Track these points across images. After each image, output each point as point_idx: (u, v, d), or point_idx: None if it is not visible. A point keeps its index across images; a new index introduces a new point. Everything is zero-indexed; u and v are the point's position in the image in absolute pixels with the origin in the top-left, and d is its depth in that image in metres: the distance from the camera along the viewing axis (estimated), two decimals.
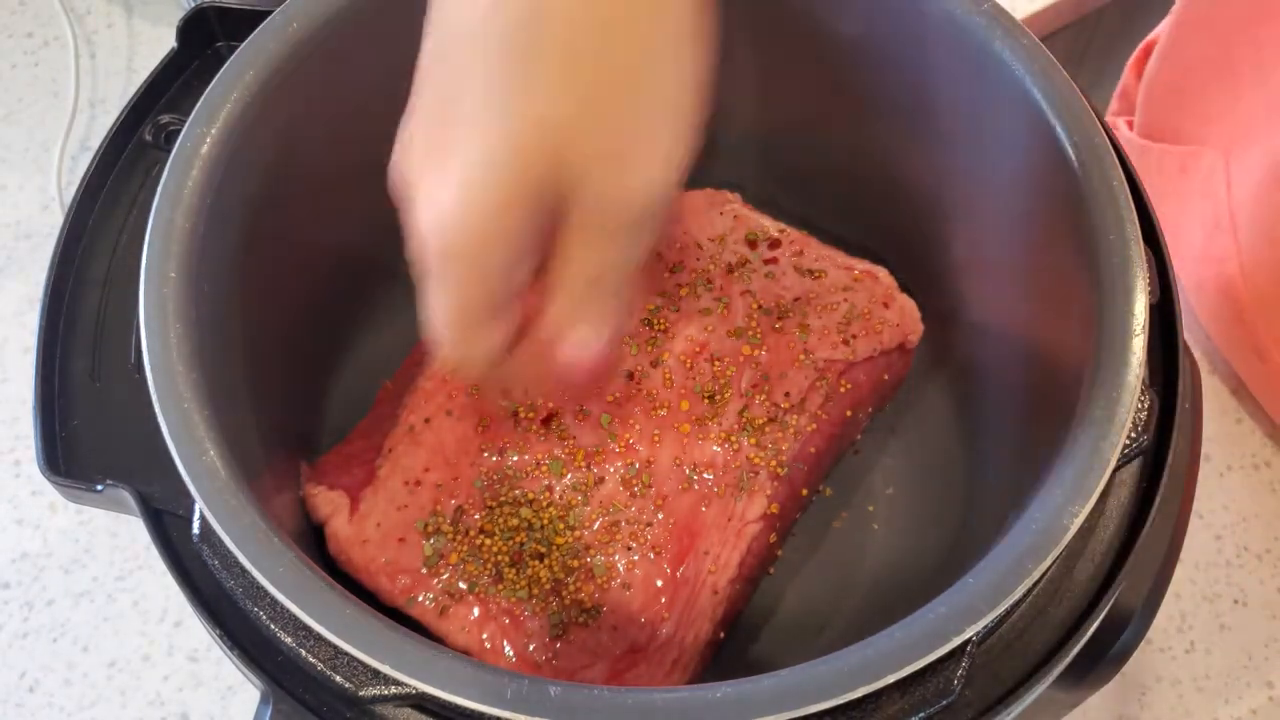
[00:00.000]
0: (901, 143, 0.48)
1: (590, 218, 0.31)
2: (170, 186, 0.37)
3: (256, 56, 0.40)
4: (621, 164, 0.30)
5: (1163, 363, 0.39)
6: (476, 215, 0.29)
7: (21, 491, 0.57)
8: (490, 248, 0.30)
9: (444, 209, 0.30)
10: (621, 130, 0.29)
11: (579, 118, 0.29)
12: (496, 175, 0.29)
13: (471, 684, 0.30)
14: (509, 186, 0.29)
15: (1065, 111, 0.39)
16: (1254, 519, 0.58)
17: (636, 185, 0.30)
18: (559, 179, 0.29)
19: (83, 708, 0.52)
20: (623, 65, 0.29)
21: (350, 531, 0.43)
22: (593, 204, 0.30)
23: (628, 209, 0.30)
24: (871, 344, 0.48)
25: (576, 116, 0.29)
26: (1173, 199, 0.56)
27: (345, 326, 0.51)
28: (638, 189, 0.30)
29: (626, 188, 0.30)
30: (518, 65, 0.29)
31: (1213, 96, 0.45)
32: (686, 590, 0.43)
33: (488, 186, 0.29)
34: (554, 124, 0.29)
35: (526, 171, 0.29)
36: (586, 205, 0.30)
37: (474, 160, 0.29)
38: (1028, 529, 0.33)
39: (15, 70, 0.69)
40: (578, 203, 0.30)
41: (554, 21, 0.29)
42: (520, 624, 0.42)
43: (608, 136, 0.29)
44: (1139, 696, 0.53)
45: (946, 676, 0.32)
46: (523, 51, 0.29)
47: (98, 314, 0.41)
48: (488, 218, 0.29)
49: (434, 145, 0.30)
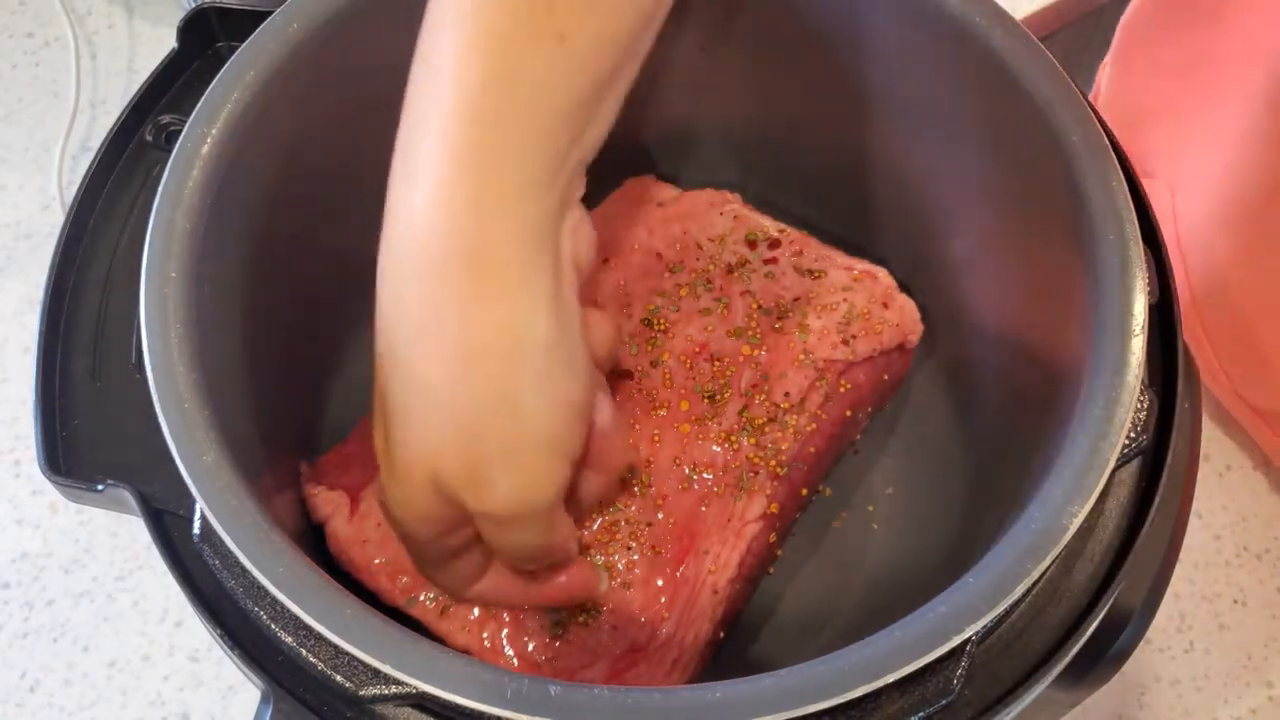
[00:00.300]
0: (901, 143, 0.48)
1: (479, 519, 0.36)
2: (171, 187, 0.38)
3: (257, 57, 0.40)
4: (484, 489, 0.34)
5: (1162, 363, 0.39)
6: (399, 519, 0.36)
7: (22, 491, 0.57)
8: (422, 533, 0.37)
9: (382, 499, 0.37)
10: (483, 463, 0.34)
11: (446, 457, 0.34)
12: (403, 494, 0.35)
13: (472, 683, 0.30)
14: (415, 505, 0.35)
15: (1064, 111, 0.39)
16: (1253, 519, 0.58)
17: (501, 504, 0.35)
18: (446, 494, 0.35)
19: (83, 708, 0.52)
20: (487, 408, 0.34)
21: (350, 531, 0.43)
22: (473, 511, 0.35)
23: (500, 518, 0.35)
24: (871, 344, 0.48)
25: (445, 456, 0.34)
26: None
27: (346, 326, 0.51)
28: (504, 507, 0.35)
29: (494, 505, 0.35)
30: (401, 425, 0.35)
31: (1156, 131, 0.46)
32: (686, 590, 0.43)
33: (398, 503, 0.36)
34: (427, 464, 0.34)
35: (421, 492, 0.35)
36: (476, 513, 0.35)
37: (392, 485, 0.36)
38: (1027, 529, 0.33)
39: (16, 70, 0.69)
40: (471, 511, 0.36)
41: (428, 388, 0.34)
42: (520, 623, 0.42)
43: (471, 468, 0.34)
44: (1138, 696, 0.54)
45: (946, 676, 0.32)
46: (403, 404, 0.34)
47: (98, 314, 0.41)
48: (409, 522, 0.36)
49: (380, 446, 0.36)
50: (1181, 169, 0.39)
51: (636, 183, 0.53)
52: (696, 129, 0.54)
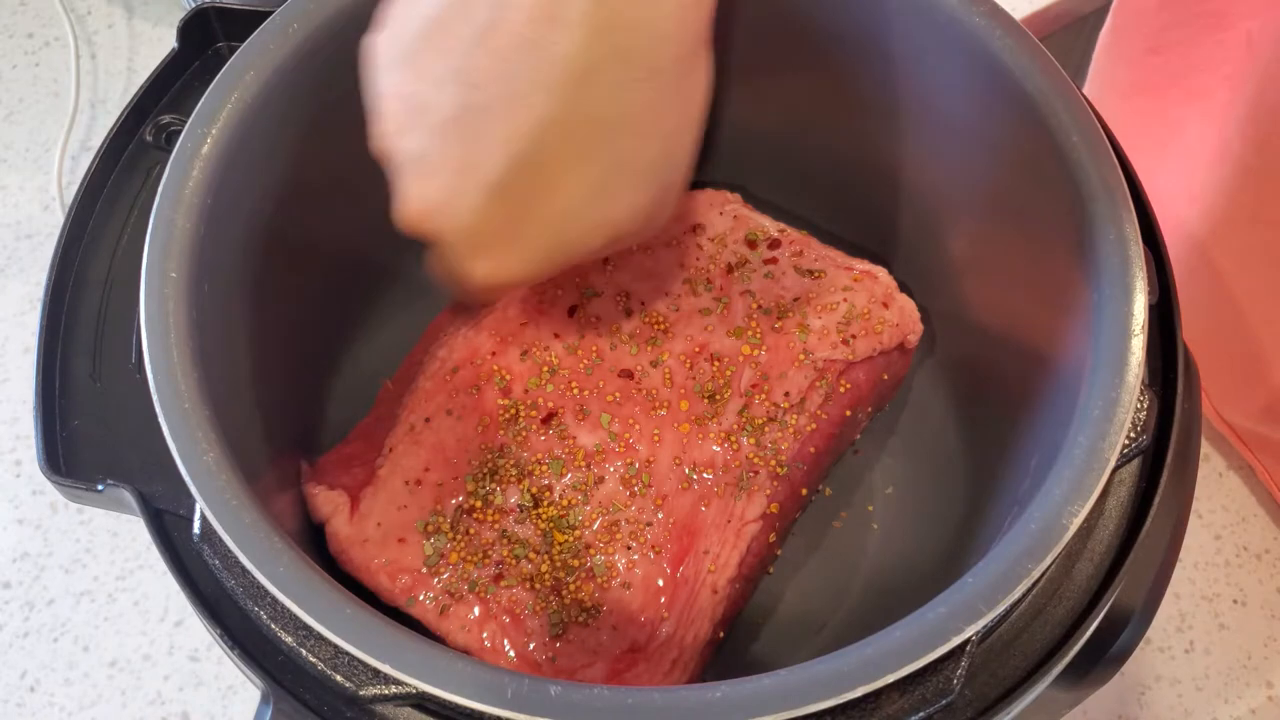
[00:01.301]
0: (901, 142, 0.48)
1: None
2: (171, 186, 0.38)
3: (257, 57, 0.40)
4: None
5: (1162, 363, 0.39)
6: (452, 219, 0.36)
7: (22, 491, 0.57)
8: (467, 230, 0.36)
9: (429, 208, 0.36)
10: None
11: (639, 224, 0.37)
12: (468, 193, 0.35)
13: (472, 683, 0.30)
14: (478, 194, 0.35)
15: (1064, 112, 0.39)
16: (1253, 519, 0.58)
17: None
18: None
19: (83, 707, 0.52)
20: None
21: (350, 531, 0.43)
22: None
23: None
24: (871, 344, 0.48)
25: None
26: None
27: (345, 326, 0.51)
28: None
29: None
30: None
31: (1132, 153, 0.47)
32: (686, 589, 0.43)
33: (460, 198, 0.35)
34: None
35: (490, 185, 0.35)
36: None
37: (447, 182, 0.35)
38: (1027, 528, 0.33)
39: (16, 70, 0.69)
40: None
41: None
42: (520, 623, 0.42)
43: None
44: (1138, 696, 0.54)
45: (946, 676, 0.32)
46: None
47: (98, 314, 0.41)
48: (462, 217, 0.36)
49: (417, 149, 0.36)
50: (1155, 189, 0.41)
51: None
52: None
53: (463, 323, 0.48)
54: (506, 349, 0.47)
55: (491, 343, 0.47)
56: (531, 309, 0.48)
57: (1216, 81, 0.53)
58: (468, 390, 0.46)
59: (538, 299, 0.48)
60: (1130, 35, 0.59)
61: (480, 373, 0.46)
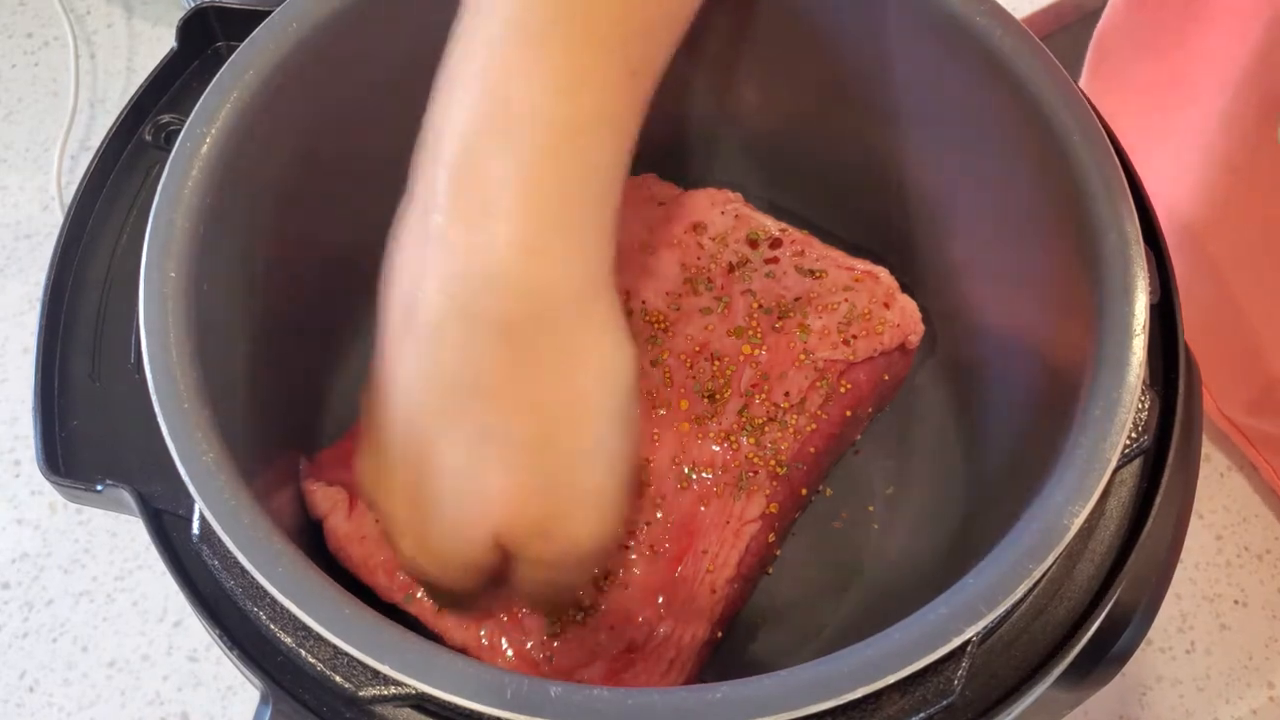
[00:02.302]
0: (901, 142, 0.48)
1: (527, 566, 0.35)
2: (170, 186, 0.37)
3: (257, 56, 0.40)
4: (558, 538, 0.34)
5: (1163, 362, 0.39)
6: (439, 577, 0.36)
7: (21, 491, 0.57)
8: (462, 584, 0.36)
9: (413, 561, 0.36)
10: (561, 512, 0.34)
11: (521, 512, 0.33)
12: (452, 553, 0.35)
13: (471, 684, 0.30)
14: (462, 560, 0.35)
15: (1065, 110, 0.39)
16: (1254, 519, 0.58)
17: (573, 549, 0.34)
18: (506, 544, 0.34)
19: (82, 707, 0.52)
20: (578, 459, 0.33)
21: (348, 528, 0.43)
22: (531, 559, 0.35)
23: (561, 564, 0.35)
24: (872, 344, 0.48)
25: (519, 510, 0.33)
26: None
27: (345, 324, 0.51)
28: (574, 552, 0.35)
29: (565, 551, 0.34)
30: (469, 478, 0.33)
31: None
32: (685, 589, 0.43)
33: (444, 565, 0.35)
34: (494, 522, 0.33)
35: (476, 548, 0.34)
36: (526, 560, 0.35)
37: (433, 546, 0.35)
38: (1028, 529, 0.33)
39: (15, 70, 0.69)
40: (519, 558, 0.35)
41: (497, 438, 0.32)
42: (518, 622, 0.42)
43: (548, 519, 0.34)
44: (1139, 696, 0.53)
45: (947, 677, 0.32)
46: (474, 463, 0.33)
47: (97, 314, 0.41)
48: (449, 579, 0.36)
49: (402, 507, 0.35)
50: (1150, 187, 0.41)
51: (638, 182, 0.53)
52: (697, 129, 0.54)
53: None
54: None
55: None
56: None
57: (1208, 79, 0.53)
58: None
59: None
60: (1125, 33, 0.59)
61: None
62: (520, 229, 0.31)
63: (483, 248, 0.31)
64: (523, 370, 0.32)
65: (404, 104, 0.35)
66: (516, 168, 0.31)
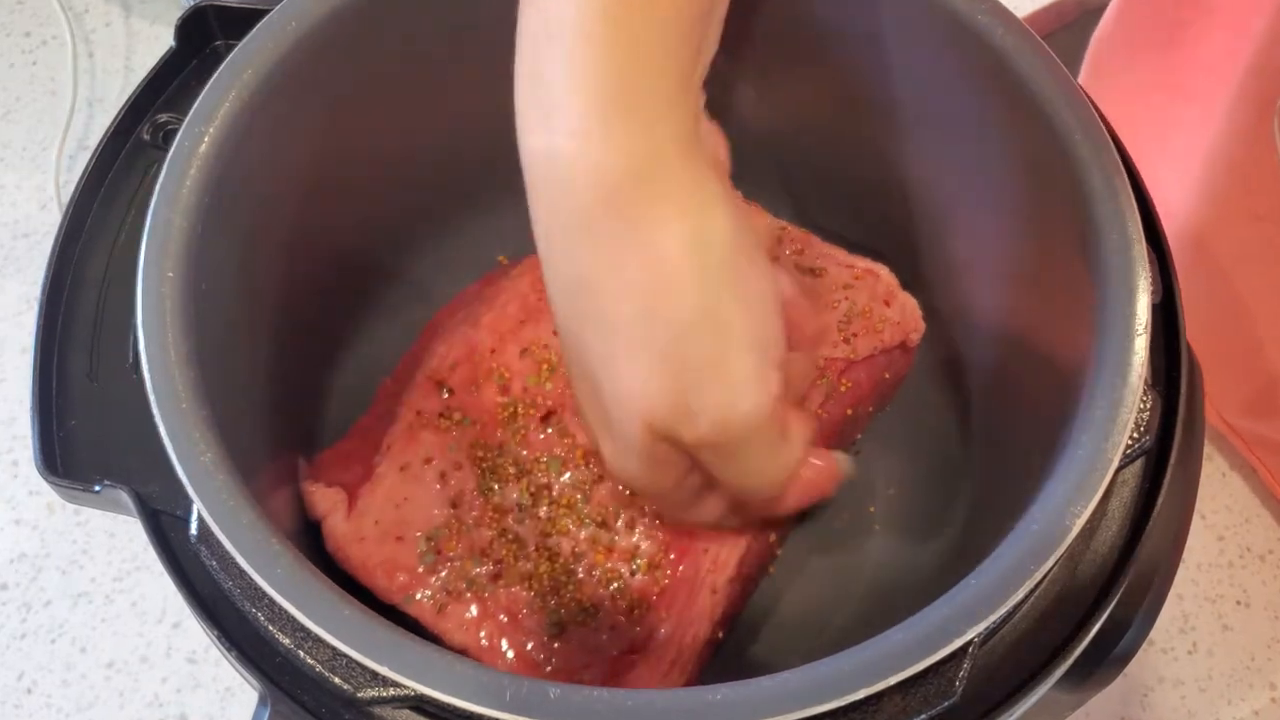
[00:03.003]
0: (902, 141, 0.48)
1: (706, 460, 0.35)
2: (168, 186, 0.37)
3: (255, 55, 0.40)
4: (699, 417, 0.33)
5: (1165, 363, 0.39)
6: (633, 477, 0.36)
7: (19, 492, 0.57)
8: (657, 487, 0.36)
9: (611, 468, 0.36)
10: (693, 389, 0.33)
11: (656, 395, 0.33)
12: (632, 455, 0.35)
13: (470, 686, 0.30)
14: (646, 459, 0.35)
15: (1067, 110, 0.39)
16: (1256, 520, 0.58)
17: (718, 427, 0.33)
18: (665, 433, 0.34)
19: (81, 709, 0.52)
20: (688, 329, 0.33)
21: (348, 529, 0.43)
22: (695, 446, 0.34)
23: (723, 445, 0.34)
24: (872, 342, 0.47)
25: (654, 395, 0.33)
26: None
27: (344, 324, 0.51)
28: (722, 429, 0.34)
29: (712, 430, 0.33)
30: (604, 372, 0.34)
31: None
32: (685, 589, 0.43)
33: (630, 464, 0.35)
34: (640, 411, 0.33)
35: (646, 444, 0.34)
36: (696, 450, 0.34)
37: (615, 448, 0.35)
38: (1029, 529, 0.33)
39: (13, 69, 0.69)
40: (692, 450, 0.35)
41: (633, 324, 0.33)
42: (518, 622, 0.42)
43: (682, 398, 0.33)
44: (1141, 697, 0.53)
45: (948, 678, 0.32)
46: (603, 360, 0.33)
47: (95, 314, 0.41)
48: (642, 478, 0.36)
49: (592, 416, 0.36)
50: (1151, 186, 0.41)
51: None
52: None
53: (462, 320, 0.48)
54: (505, 347, 0.47)
55: (491, 340, 0.47)
56: (531, 306, 0.48)
57: (1209, 78, 0.53)
58: (467, 388, 0.46)
59: (537, 296, 0.48)
60: (1125, 31, 0.59)
61: (479, 370, 0.46)
62: (572, 119, 0.31)
63: (548, 151, 0.32)
64: (607, 256, 0.32)
65: (403, 102, 0.35)
66: (565, 63, 0.31)
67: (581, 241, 0.32)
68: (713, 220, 0.33)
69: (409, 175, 0.48)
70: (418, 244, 0.52)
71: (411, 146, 0.48)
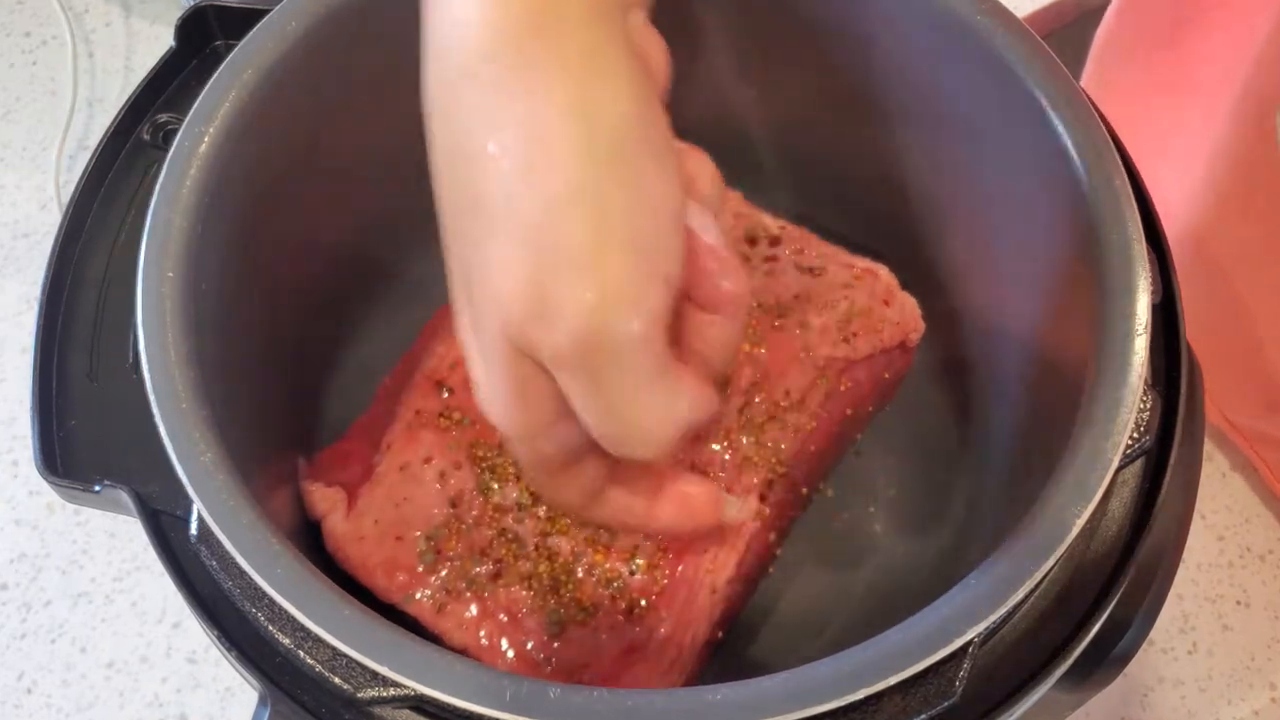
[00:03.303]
0: (902, 141, 0.48)
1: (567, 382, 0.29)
2: (168, 186, 0.37)
3: (255, 55, 0.40)
4: (557, 315, 0.28)
5: (1165, 362, 0.39)
6: (500, 416, 0.31)
7: (19, 492, 0.57)
8: (527, 430, 0.31)
9: (481, 406, 0.31)
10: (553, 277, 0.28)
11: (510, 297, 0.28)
12: (496, 379, 0.30)
13: (471, 686, 0.30)
14: (508, 381, 0.30)
15: (1066, 109, 0.39)
16: (1256, 520, 0.58)
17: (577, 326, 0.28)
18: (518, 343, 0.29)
19: (81, 709, 0.52)
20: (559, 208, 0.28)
21: (347, 528, 0.43)
22: (552, 359, 0.29)
23: (583, 354, 0.28)
24: (872, 342, 0.47)
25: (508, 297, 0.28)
26: None
27: (344, 324, 0.51)
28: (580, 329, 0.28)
29: (569, 329, 0.28)
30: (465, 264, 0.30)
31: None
32: (685, 589, 0.43)
33: (496, 395, 0.30)
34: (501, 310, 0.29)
35: (505, 357, 0.29)
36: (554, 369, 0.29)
37: (482, 374, 0.31)
38: (1030, 529, 0.33)
39: (13, 69, 0.69)
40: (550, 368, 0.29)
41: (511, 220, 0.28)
42: (518, 622, 0.42)
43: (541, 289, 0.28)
44: (1141, 698, 0.53)
45: (948, 678, 0.32)
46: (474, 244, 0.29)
47: (95, 314, 0.41)
48: (508, 416, 0.31)
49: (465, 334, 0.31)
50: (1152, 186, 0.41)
51: None
52: (696, 127, 0.54)
53: None
54: None
55: None
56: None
57: (1210, 77, 0.53)
58: (466, 388, 0.46)
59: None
60: (1126, 32, 0.59)
61: None
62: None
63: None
64: (486, 113, 0.28)
65: (403, 102, 0.34)
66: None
67: (463, 95, 0.29)
68: (605, 93, 0.28)
69: (409, 175, 0.48)
70: (418, 244, 0.52)
71: (412, 146, 0.48)
